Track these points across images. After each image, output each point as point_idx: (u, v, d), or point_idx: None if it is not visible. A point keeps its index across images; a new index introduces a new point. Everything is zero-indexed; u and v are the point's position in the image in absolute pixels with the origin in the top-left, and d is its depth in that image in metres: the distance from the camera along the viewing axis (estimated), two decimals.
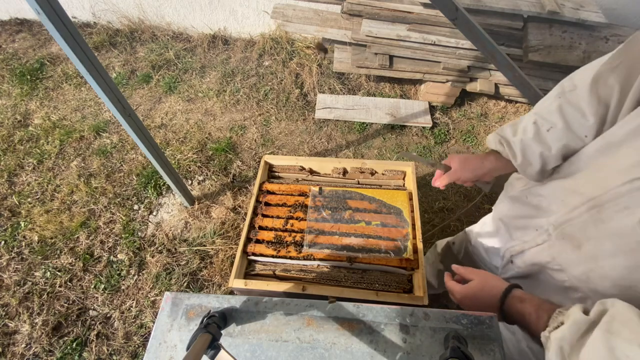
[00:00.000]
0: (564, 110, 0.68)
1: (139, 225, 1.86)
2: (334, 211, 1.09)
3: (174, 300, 0.74)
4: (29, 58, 2.71)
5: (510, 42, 2.10)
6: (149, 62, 2.64)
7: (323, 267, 1.01)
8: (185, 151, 2.12)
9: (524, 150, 0.73)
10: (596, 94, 0.63)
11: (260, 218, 1.10)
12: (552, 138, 0.70)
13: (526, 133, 0.73)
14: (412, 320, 0.69)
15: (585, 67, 0.68)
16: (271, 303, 0.72)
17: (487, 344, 0.65)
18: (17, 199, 1.93)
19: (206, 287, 1.68)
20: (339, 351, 0.66)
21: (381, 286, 0.96)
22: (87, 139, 2.21)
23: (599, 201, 0.58)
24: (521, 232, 0.80)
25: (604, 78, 0.62)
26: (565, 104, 0.68)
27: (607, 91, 0.61)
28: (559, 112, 0.69)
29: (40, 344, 1.50)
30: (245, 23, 2.72)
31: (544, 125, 0.71)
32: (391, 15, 2.10)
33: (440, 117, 2.37)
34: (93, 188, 1.97)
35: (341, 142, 2.23)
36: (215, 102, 2.42)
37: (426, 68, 2.22)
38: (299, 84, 2.49)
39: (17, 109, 2.36)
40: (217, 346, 0.58)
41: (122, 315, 1.60)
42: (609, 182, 0.57)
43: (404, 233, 1.02)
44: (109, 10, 2.79)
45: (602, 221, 0.57)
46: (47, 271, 1.70)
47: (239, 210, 1.92)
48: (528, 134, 0.72)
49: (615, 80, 0.60)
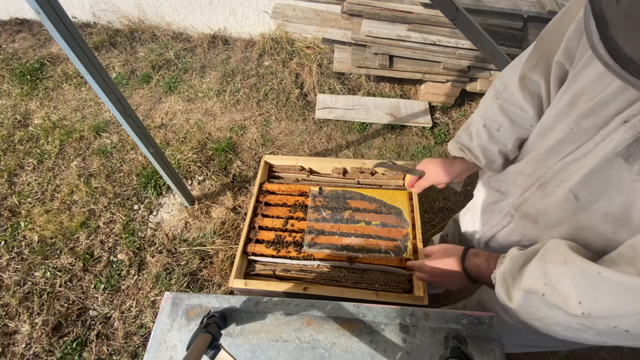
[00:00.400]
0: (505, 109, 0.75)
1: (139, 225, 1.86)
2: (334, 211, 1.09)
3: (174, 300, 0.74)
4: (29, 58, 2.71)
5: (510, 42, 2.09)
6: (149, 62, 2.64)
7: (323, 267, 1.01)
8: (185, 151, 2.12)
9: (484, 152, 0.79)
10: (526, 90, 0.70)
11: (260, 218, 1.10)
12: (504, 135, 0.76)
13: (481, 137, 0.79)
14: (412, 320, 0.69)
15: (511, 66, 0.75)
16: (271, 303, 0.72)
17: (487, 344, 0.65)
18: (17, 199, 1.93)
19: (206, 287, 1.68)
20: (339, 351, 0.66)
21: (381, 286, 0.96)
22: (87, 139, 2.21)
23: (543, 180, 0.65)
24: (488, 216, 0.85)
25: (528, 76, 0.69)
26: (504, 103, 0.75)
27: (535, 86, 0.69)
28: (501, 112, 0.75)
29: (40, 344, 1.50)
30: (245, 23, 2.72)
31: (493, 126, 0.77)
32: (391, 15, 2.10)
33: (440, 117, 2.37)
34: (93, 188, 1.97)
35: (341, 142, 2.23)
36: (215, 102, 2.42)
37: (426, 68, 2.22)
38: (299, 84, 2.49)
39: (17, 109, 2.36)
40: (217, 346, 0.58)
41: (122, 315, 1.60)
42: (548, 162, 0.63)
43: (404, 233, 1.02)
44: (109, 10, 2.79)
45: (547, 196, 0.64)
46: (47, 271, 1.70)
47: (239, 210, 1.92)
48: (483, 137, 0.79)
49: (538, 75, 0.67)
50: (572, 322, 0.50)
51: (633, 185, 0.49)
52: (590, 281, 0.47)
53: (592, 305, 0.47)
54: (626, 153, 0.48)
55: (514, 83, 0.72)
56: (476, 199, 0.96)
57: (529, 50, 0.70)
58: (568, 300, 0.49)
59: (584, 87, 0.56)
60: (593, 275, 0.47)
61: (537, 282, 0.53)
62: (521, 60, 0.72)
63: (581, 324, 0.49)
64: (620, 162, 0.49)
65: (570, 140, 0.58)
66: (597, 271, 0.47)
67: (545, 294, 0.52)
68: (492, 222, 0.83)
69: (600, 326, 0.47)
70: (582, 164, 0.55)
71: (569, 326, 0.52)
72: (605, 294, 0.46)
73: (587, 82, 0.55)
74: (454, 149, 0.86)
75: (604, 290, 0.46)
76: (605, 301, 0.46)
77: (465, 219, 1.03)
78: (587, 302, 0.47)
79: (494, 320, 0.68)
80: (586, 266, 0.49)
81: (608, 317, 0.46)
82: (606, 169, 0.52)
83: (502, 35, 2.07)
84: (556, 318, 0.53)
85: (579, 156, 0.56)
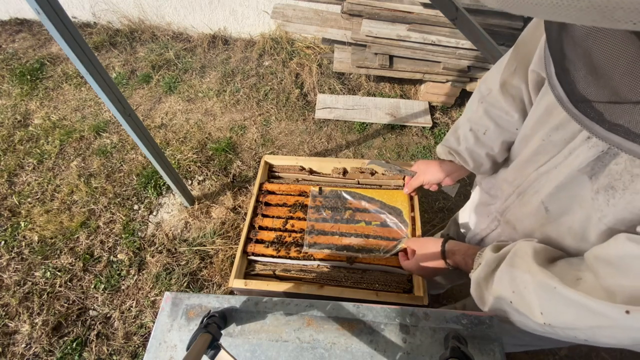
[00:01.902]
0: (490, 113, 0.75)
1: (139, 225, 1.86)
2: (334, 211, 1.09)
3: (174, 300, 0.74)
4: (29, 58, 2.71)
5: (510, 42, 2.09)
6: (149, 62, 2.64)
7: (323, 267, 1.01)
8: (185, 151, 2.12)
9: (472, 155, 0.80)
10: (509, 95, 0.70)
11: (260, 218, 1.10)
12: (490, 139, 0.76)
13: (468, 141, 0.80)
14: (412, 320, 0.69)
15: (493, 70, 0.75)
16: (271, 303, 0.72)
17: (487, 344, 0.65)
18: (17, 199, 1.93)
19: (206, 287, 1.68)
20: (339, 351, 0.66)
21: (381, 286, 0.96)
22: (87, 139, 2.21)
23: (522, 189, 0.65)
24: (479, 218, 0.86)
25: (509, 82, 0.69)
26: (489, 107, 0.75)
27: (516, 91, 0.69)
28: (486, 116, 0.75)
29: (40, 344, 1.50)
30: (245, 23, 2.72)
31: (479, 130, 0.77)
32: (391, 15, 2.10)
33: (440, 117, 2.37)
34: (93, 188, 1.97)
35: (341, 142, 2.23)
36: (215, 102, 2.42)
37: (426, 68, 2.22)
38: (299, 84, 2.49)
39: (17, 109, 2.36)
40: (217, 346, 0.58)
41: (122, 315, 1.60)
42: (526, 171, 0.64)
43: (404, 233, 1.02)
44: (109, 10, 2.79)
45: (524, 205, 0.65)
46: (47, 271, 1.70)
47: (239, 210, 1.92)
48: (470, 141, 0.79)
49: (519, 81, 0.67)
50: (538, 329, 0.52)
51: (591, 203, 0.49)
52: (548, 295, 0.49)
53: (552, 317, 0.49)
54: (590, 171, 0.49)
55: (496, 88, 0.72)
56: (472, 198, 0.98)
57: (508, 55, 0.69)
58: (533, 310, 0.51)
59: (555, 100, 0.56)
60: (550, 290, 0.49)
61: (506, 289, 0.55)
62: (502, 64, 0.71)
63: (546, 332, 0.51)
64: (585, 178, 0.50)
65: (543, 152, 0.58)
66: (553, 286, 0.48)
67: (512, 301, 0.53)
68: (482, 224, 0.84)
69: (562, 335, 0.49)
70: (552, 176, 0.56)
71: (536, 331, 0.54)
72: (563, 307, 0.47)
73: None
74: (443, 152, 0.87)
75: (561, 304, 0.47)
76: (563, 314, 0.47)
77: (462, 218, 1.04)
78: (547, 314, 0.49)
79: (494, 320, 0.68)
80: (544, 280, 0.50)
81: (567, 328, 0.48)
82: (571, 185, 0.52)
83: (502, 35, 2.07)
84: (524, 323, 0.54)
85: (551, 168, 0.56)
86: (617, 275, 0.43)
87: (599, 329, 0.44)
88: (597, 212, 0.48)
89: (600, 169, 0.47)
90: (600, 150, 0.46)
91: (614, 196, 0.45)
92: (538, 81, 0.63)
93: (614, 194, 0.45)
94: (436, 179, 0.93)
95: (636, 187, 0.43)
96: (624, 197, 0.44)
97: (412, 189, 1.01)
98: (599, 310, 0.43)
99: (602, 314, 0.43)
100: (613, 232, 0.48)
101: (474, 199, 0.94)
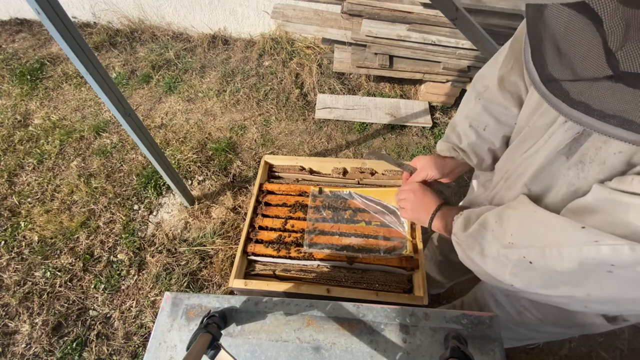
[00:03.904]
0: (489, 109, 0.76)
1: (139, 225, 1.86)
2: (334, 211, 1.09)
3: (174, 300, 0.74)
4: (29, 58, 2.71)
5: None
6: (149, 62, 2.63)
7: (323, 267, 1.01)
8: (185, 151, 2.12)
9: (475, 151, 0.81)
10: (506, 91, 0.72)
11: (260, 218, 1.10)
12: (490, 134, 0.78)
13: (469, 137, 0.81)
14: (412, 320, 0.69)
15: (489, 66, 0.77)
16: (271, 303, 0.72)
17: (487, 344, 0.65)
18: (17, 199, 1.93)
19: (206, 287, 1.68)
20: (339, 351, 0.66)
21: (381, 286, 0.96)
22: (87, 139, 2.21)
23: (508, 174, 0.68)
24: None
25: (506, 78, 0.71)
26: (487, 103, 0.76)
27: (513, 87, 0.71)
28: (485, 112, 0.77)
29: (40, 344, 1.50)
30: (245, 23, 2.72)
31: (479, 126, 0.79)
32: (391, 15, 2.10)
33: (440, 117, 2.37)
34: (93, 188, 1.97)
35: (341, 142, 2.23)
36: (215, 102, 2.42)
37: (426, 68, 2.22)
38: (299, 84, 2.49)
39: (17, 109, 2.36)
40: (217, 346, 0.58)
41: (122, 315, 1.60)
42: (514, 157, 0.67)
43: (404, 233, 1.02)
44: (109, 10, 2.79)
45: (509, 188, 0.68)
46: (47, 271, 1.70)
47: (239, 210, 1.92)
48: (471, 137, 0.80)
49: (516, 77, 0.69)
50: (500, 253, 0.55)
51: (565, 180, 0.53)
52: (527, 219, 0.54)
53: (518, 236, 0.53)
54: (567, 152, 0.52)
55: (494, 84, 0.73)
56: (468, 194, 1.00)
57: (505, 50, 0.71)
58: (505, 234, 0.55)
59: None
60: (530, 214, 0.54)
61: (491, 218, 0.60)
62: (497, 61, 0.73)
63: (504, 256, 0.55)
64: (563, 159, 0.53)
65: (529, 138, 0.61)
66: (534, 210, 0.54)
67: (494, 229, 0.58)
68: None
69: (514, 257, 0.52)
70: (534, 159, 0.59)
71: (496, 258, 0.56)
72: (531, 227, 0.52)
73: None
74: (446, 149, 0.87)
75: (531, 225, 0.52)
76: (528, 233, 0.52)
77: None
78: (515, 234, 0.53)
79: (494, 320, 0.68)
80: (529, 207, 0.56)
81: (523, 247, 0.51)
82: (550, 165, 0.55)
83: (502, 35, 2.07)
84: (491, 249, 0.57)
85: (533, 152, 0.59)
86: (586, 218, 0.46)
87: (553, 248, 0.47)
88: (570, 187, 0.52)
89: (576, 148, 0.50)
90: (576, 132, 0.49)
91: (582, 169, 0.49)
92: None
93: (583, 167, 0.49)
94: (439, 175, 0.92)
95: (600, 158, 0.46)
96: (592, 169, 0.47)
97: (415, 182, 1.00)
98: (559, 225, 0.47)
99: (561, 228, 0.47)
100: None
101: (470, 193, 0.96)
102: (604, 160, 0.45)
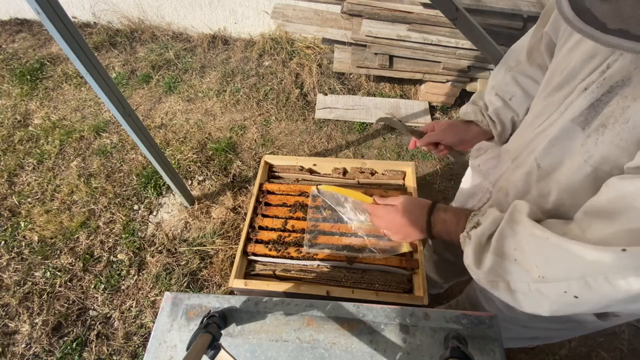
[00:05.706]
0: (518, 80, 0.78)
1: (139, 225, 1.86)
2: (334, 211, 1.09)
3: (174, 300, 0.74)
4: (29, 58, 2.71)
5: (510, 42, 2.08)
6: (149, 62, 2.63)
7: (323, 267, 1.01)
8: (185, 151, 2.12)
9: (499, 118, 0.81)
10: (535, 63, 0.73)
11: (260, 218, 1.10)
12: (516, 104, 0.79)
13: (495, 104, 0.81)
14: (412, 320, 0.69)
15: (523, 40, 0.78)
16: (271, 303, 0.72)
17: (487, 344, 0.65)
18: (17, 199, 1.93)
19: (206, 287, 1.68)
20: (339, 351, 0.66)
21: (381, 286, 0.96)
22: (87, 139, 2.21)
23: (517, 152, 0.67)
24: (471, 198, 0.87)
25: (535, 48, 0.72)
26: (517, 75, 0.78)
27: (541, 58, 0.72)
28: (514, 83, 0.78)
29: (40, 344, 1.50)
30: (245, 23, 2.72)
31: (506, 95, 0.80)
32: (391, 15, 2.10)
33: (440, 117, 2.37)
34: (93, 188, 1.97)
35: (341, 142, 2.23)
36: (215, 102, 2.42)
37: (426, 68, 2.22)
38: (299, 84, 2.49)
39: (17, 109, 2.36)
40: (217, 346, 0.58)
41: (122, 315, 1.60)
42: (524, 135, 0.66)
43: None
44: (109, 10, 2.79)
45: (517, 167, 0.66)
46: (47, 271, 1.70)
47: (239, 210, 1.92)
48: (497, 104, 0.81)
49: (544, 47, 0.69)
50: (532, 287, 0.49)
51: (580, 149, 0.50)
52: (542, 246, 0.47)
53: (546, 269, 0.47)
54: (583, 121, 0.50)
55: (524, 57, 0.75)
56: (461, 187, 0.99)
57: (537, 24, 0.72)
58: (530, 264, 0.49)
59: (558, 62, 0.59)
60: (542, 240, 0.47)
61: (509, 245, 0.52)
62: (529, 33, 0.75)
63: (537, 291, 0.49)
64: (577, 129, 0.50)
65: (543, 113, 0.60)
66: (545, 237, 0.47)
67: (517, 258, 0.51)
68: (472, 202, 0.85)
69: (552, 293, 0.47)
70: (547, 133, 0.57)
71: (527, 294, 0.50)
72: (556, 257, 0.46)
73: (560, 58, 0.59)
74: (471, 111, 0.83)
75: (554, 254, 0.46)
76: (557, 264, 0.46)
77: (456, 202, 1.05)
78: (541, 266, 0.47)
79: (494, 320, 0.68)
80: (536, 232, 0.48)
81: (559, 280, 0.45)
82: (563, 137, 0.53)
83: (502, 35, 2.07)
84: (519, 285, 0.51)
85: (547, 126, 0.58)
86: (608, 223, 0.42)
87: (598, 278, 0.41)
88: (584, 155, 0.49)
89: (592, 117, 0.48)
90: (595, 97, 0.48)
91: (603, 133, 0.47)
92: (548, 43, 0.67)
93: (604, 130, 0.47)
94: (457, 140, 0.87)
95: (625, 117, 0.44)
96: (614, 130, 0.45)
97: (425, 143, 0.90)
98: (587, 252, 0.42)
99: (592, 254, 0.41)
100: (597, 174, 0.48)
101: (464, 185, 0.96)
102: (628, 118, 0.43)
